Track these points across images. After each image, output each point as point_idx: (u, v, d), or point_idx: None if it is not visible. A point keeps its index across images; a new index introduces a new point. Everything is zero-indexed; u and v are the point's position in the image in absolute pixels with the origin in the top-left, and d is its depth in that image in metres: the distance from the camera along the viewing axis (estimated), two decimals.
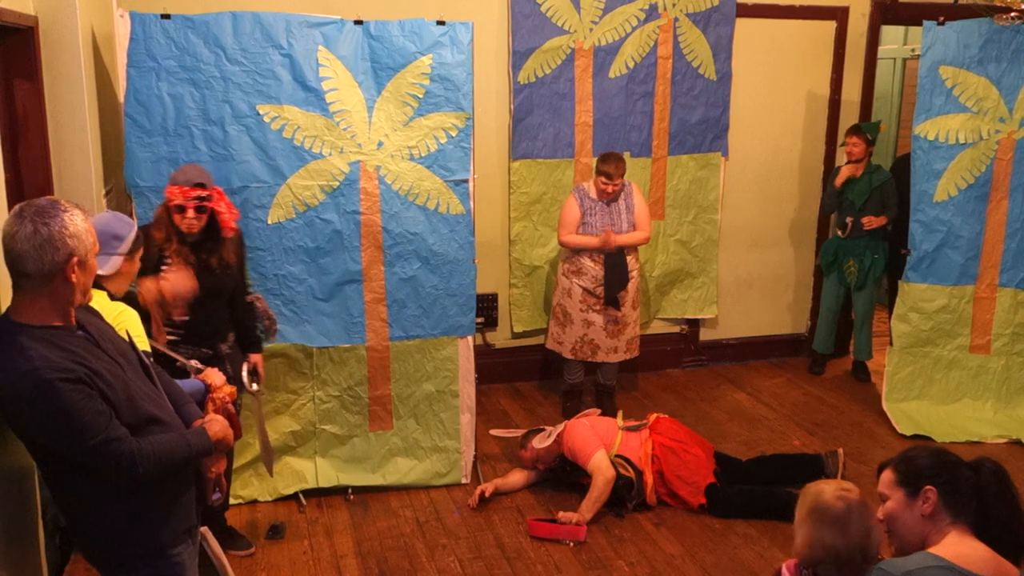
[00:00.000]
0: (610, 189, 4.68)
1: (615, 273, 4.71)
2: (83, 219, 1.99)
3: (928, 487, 1.99)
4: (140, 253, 2.86)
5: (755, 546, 3.76)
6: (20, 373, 1.89)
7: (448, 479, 4.26)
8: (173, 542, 2.19)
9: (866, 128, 5.37)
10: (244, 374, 3.44)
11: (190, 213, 3.23)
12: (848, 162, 5.41)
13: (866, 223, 5.34)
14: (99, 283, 2.65)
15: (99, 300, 2.55)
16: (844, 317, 5.84)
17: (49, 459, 2.05)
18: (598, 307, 4.77)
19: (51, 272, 1.94)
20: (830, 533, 2.14)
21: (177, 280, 3.18)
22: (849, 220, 5.41)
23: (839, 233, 5.50)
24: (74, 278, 1.97)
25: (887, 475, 2.09)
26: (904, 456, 2.10)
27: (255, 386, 3.45)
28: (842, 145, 5.56)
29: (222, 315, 3.47)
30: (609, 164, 4.66)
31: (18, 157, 3.28)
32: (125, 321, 2.56)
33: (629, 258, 4.78)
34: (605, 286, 4.72)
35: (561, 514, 3.85)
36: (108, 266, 2.67)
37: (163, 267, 3.22)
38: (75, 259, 1.96)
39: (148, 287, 3.13)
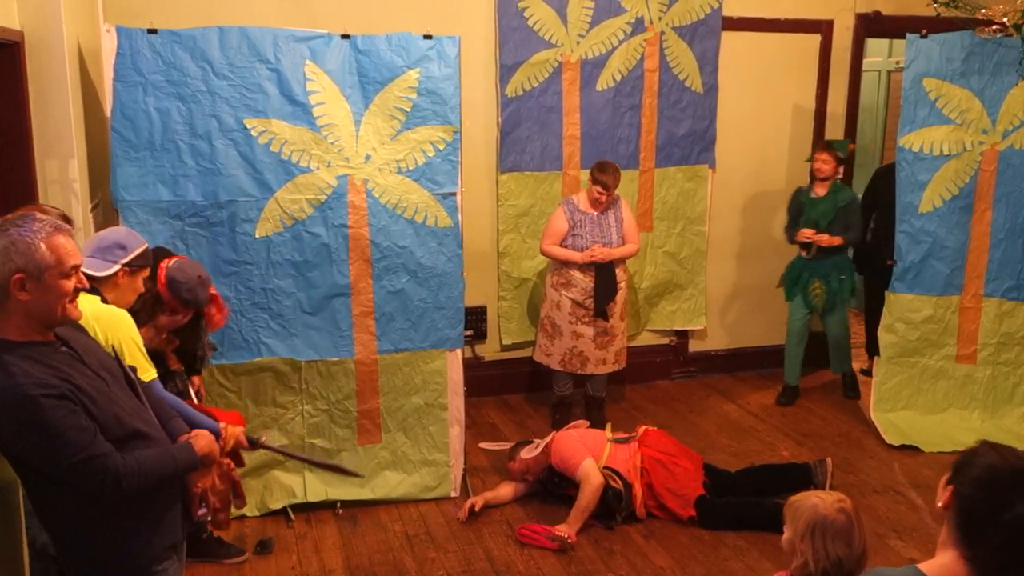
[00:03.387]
0: (604, 199, 4.71)
1: (605, 285, 4.73)
2: (46, 235, 1.93)
3: (950, 485, 1.78)
4: (144, 274, 2.87)
5: (745, 557, 3.76)
6: (2, 389, 1.88)
7: (437, 492, 4.24)
8: (159, 558, 2.17)
9: (837, 145, 5.22)
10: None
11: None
12: (815, 179, 5.25)
13: (818, 240, 5.12)
14: (96, 289, 2.65)
15: (90, 303, 2.55)
16: (811, 343, 5.56)
17: (32, 475, 2.04)
18: (587, 319, 4.78)
19: (3, 286, 1.90)
20: (834, 546, 2.17)
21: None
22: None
23: (803, 254, 5.30)
24: (23, 296, 1.91)
25: None
26: (972, 456, 1.81)
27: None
28: (808, 160, 5.38)
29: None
30: (607, 175, 4.68)
31: (3, 172, 3.27)
32: (119, 322, 2.55)
33: (617, 270, 4.80)
34: (595, 298, 4.73)
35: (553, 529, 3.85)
36: (103, 270, 2.68)
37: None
38: (19, 276, 1.90)
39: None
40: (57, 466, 1.94)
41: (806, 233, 5.17)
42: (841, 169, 5.35)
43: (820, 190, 5.24)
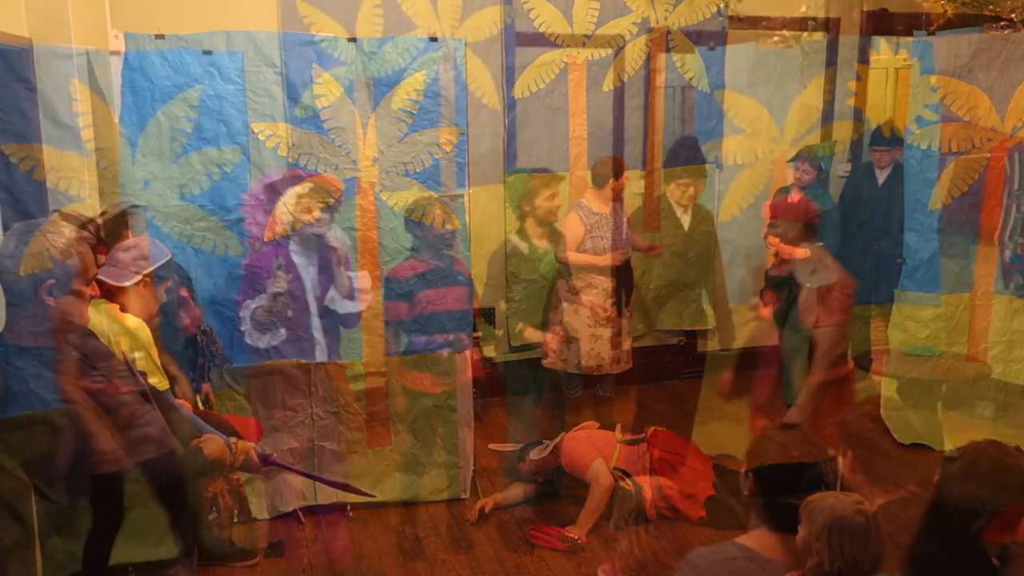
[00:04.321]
0: (623, 184, 4.81)
1: (625, 282, 4.77)
2: (69, 243, 1.95)
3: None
4: (167, 285, 2.88)
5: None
6: (15, 395, 1.89)
7: (447, 494, 4.25)
8: (170, 561, 2.18)
9: (818, 151, 5.10)
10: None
11: None
12: (794, 187, 5.16)
13: (780, 250, 4.93)
14: (115, 297, 2.67)
15: (108, 312, 2.56)
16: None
17: (43, 478, 2.04)
18: (604, 321, 4.78)
19: (27, 291, 1.92)
20: (851, 548, 2.17)
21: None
22: None
23: (774, 260, 5.19)
24: (49, 301, 1.94)
25: None
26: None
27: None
28: (790, 162, 5.30)
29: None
30: (611, 163, 4.77)
31: (13, 178, 3.29)
32: (135, 331, 2.56)
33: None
34: (619, 295, 4.74)
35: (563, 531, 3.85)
36: (123, 280, 2.69)
37: None
38: (50, 281, 1.93)
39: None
40: (69, 469, 1.95)
41: (771, 242, 5.09)
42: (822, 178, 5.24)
43: (795, 197, 5.16)
